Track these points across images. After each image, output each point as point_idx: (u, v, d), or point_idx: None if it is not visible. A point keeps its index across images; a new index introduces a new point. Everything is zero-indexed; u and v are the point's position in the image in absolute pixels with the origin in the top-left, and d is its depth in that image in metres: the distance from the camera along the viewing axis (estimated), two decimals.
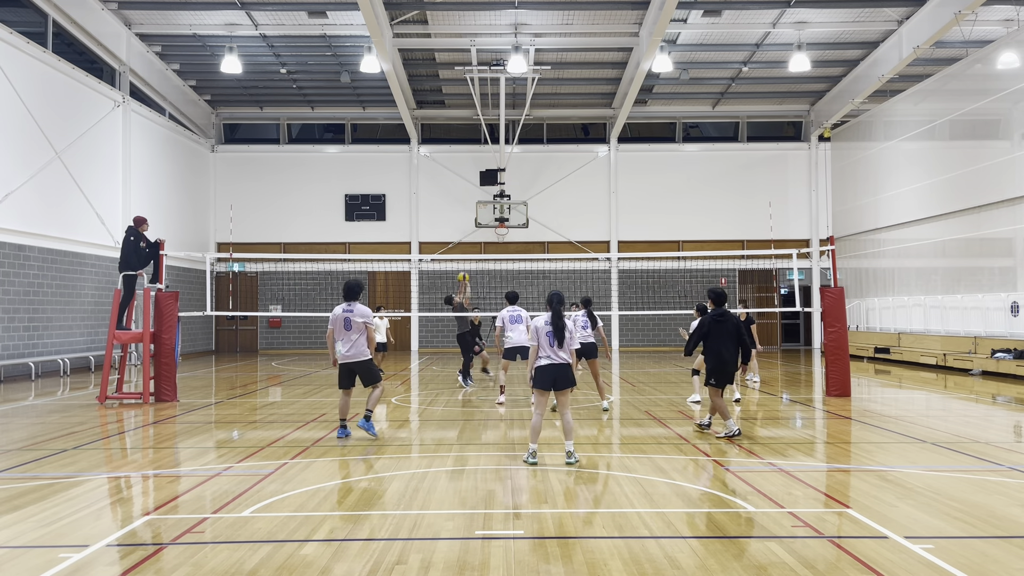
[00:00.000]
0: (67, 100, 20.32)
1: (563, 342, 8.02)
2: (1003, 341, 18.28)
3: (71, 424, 11.14)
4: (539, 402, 8.16)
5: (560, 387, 8.04)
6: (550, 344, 8.02)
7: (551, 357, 8.02)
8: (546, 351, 8.04)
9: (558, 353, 8.02)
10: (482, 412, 12.15)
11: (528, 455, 7.99)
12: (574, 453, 7.98)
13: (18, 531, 5.78)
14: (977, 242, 20.87)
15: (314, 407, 12.95)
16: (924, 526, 5.80)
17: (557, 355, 8.02)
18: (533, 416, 8.18)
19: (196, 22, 22.55)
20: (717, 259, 28.92)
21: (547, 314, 8.17)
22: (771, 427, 10.63)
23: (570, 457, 7.93)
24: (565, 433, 8.08)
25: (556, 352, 8.02)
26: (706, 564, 4.97)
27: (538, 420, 8.10)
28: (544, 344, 8.05)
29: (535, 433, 8.07)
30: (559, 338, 8.00)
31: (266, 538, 5.58)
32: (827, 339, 13.93)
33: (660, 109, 29.92)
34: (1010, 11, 20.55)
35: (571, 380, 8.10)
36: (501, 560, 5.07)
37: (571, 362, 8.11)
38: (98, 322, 21.20)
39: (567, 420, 8.09)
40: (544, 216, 29.13)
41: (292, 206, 29.67)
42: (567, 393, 8.12)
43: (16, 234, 18.23)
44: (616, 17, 22.32)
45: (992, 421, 11.35)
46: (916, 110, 23.86)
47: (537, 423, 8.09)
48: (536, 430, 8.08)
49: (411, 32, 23.12)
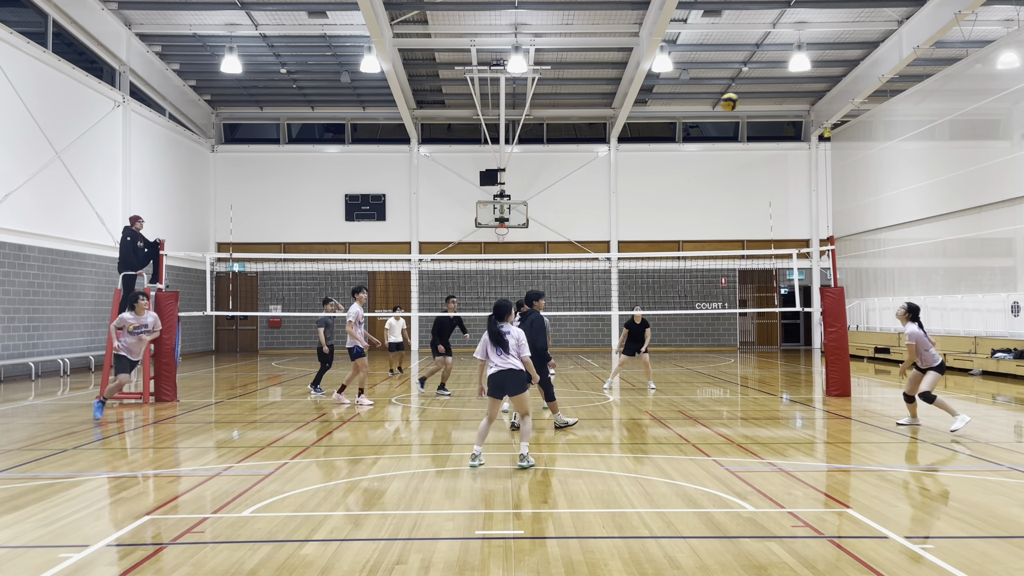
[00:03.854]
0: (67, 100, 20.32)
1: (507, 348, 7.92)
2: (1003, 341, 18.28)
3: (71, 424, 11.14)
4: (489, 408, 8.10)
5: (509, 393, 7.95)
6: (496, 353, 7.98)
7: (498, 364, 7.96)
8: (493, 359, 8.00)
9: (507, 360, 7.92)
10: (482, 412, 12.14)
11: (470, 457, 7.92)
12: (527, 456, 7.81)
13: (18, 531, 5.78)
14: (977, 242, 20.86)
15: (314, 407, 12.94)
16: (924, 526, 5.80)
17: (507, 361, 7.91)
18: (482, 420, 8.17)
19: (196, 22, 22.55)
20: (717, 259, 28.93)
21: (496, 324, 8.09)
22: (771, 427, 10.63)
23: (522, 460, 7.79)
24: (521, 435, 7.98)
25: (505, 359, 7.92)
26: (706, 564, 4.97)
27: (484, 425, 8.06)
28: (491, 353, 8.01)
29: (480, 437, 8.02)
30: (500, 345, 7.94)
31: (266, 538, 5.58)
32: (827, 339, 13.93)
33: (660, 109, 29.93)
34: (1010, 11, 20.55)
35: (521, 386, 7.94)
36: (501, 560, 5.07)
37: (522, 367, 7.93)
38: (98, 322, 21.20)
39: (525, 425, 7.99)
40: (544, 216, 29.13)
41: (292, 206, 29.67)
42: (522, 399, 7.99)
43: (16, 234, 18.24)
44: (616, 17, 22.32)
45: (992, 421, 11.34)
46: (916, 110, 23.86)
47: (483, 428, 8.06)
48: (481, 434, 8.04)
49: (411, 32, 23.12)
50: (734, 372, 19.73)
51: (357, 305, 12.97)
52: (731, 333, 30.00)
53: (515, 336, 8.02)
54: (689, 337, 29.53)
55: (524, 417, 8.06)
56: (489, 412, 8.12)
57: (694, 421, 11.06)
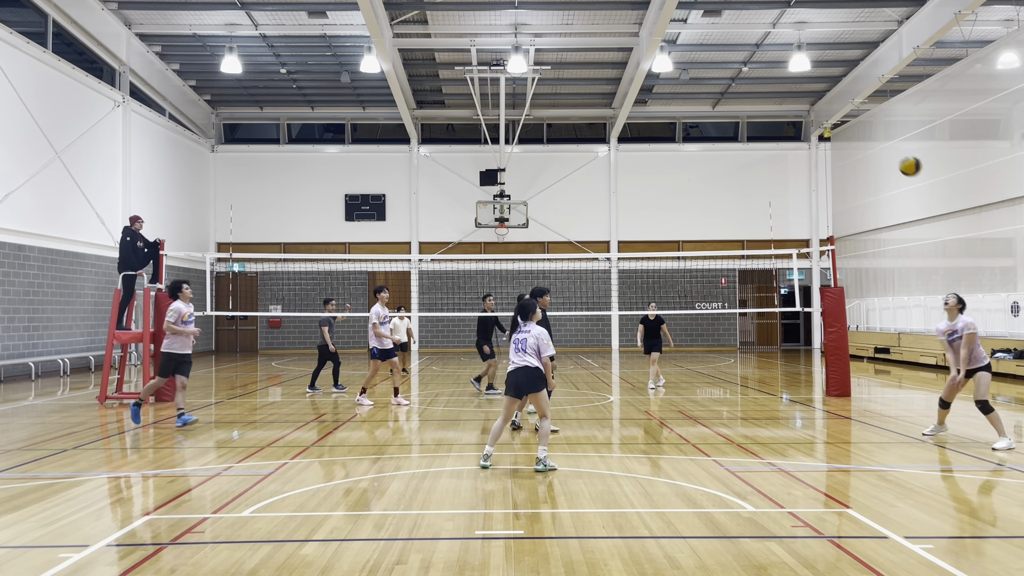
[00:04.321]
0: (67, 100, 20.32)
1: (525, 346, 7.84)
2: (1003, 341, 18.28)
3: (71, 424, 11.13)
4: (505, 407, 8.06)
5: (524, 392, 7.87)
6: (515, 350, 7.93)
7: (515, 362, 7.93)
8: (511, 356, 7.97)
9: (524, 357, 7.86)
10: (483, 412, 12.14)
11: (481, 457, 7.87)
12: (544, 460, 7.68)
13: (18, 531, 5.78)
14: (977, 242, 20.86)
15: (314, 407, 12.94)
16: (924, 526, 5.80)
17: (523, 359, 7.86)
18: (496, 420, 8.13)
19: (196, 22, 22.55)
20: (717, 259, 28.93)
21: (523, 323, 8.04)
22: (771, 427, 10.63)
23: (538, 464, 7.67)
24: (539, 439, 7.90)
25: (522, 356, 7.87)
26: (706, 564, 4.97)
27: (498, 424, 8.01)
28: (511, 350, 7.98)
29: (492, 437, 7.97)
30: (519, 343, 7.88)
31: (266, 538, 5.58)
32: (827, 339, 13.93)
33: (660, 109, 29.93)
34: (1010, 11, 20.55)
35: (537, 385, 7.83)
36: (501, 560, 5.07)
37: (540, 366, 7.84)
38: (98, 322, 21.20)
39: (542, 426, 7.90)
40: (544, 216, 29.13)
41: (292, 206, 29.67)
42: (538, 398, 7.90)
43: (16, 234, 18.24)
44: (616, 17, 22.32)
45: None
46: (916, 110, 23.86)
47: (496, 428, 8.01)
48: (493, 435, 7.99)
49: (411, 32, 23.13)
50: (734, 372, 19.73)
51: (379, 305, 12.92)
52: (731, 333, 30.00)
53: (535, 335, 7.90)
54: (689, 337, 29.52)
55: (542, 419, 7.94)
56: (505, 411, 8.05)
57: (694, 421, 11.06)
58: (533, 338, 7.88)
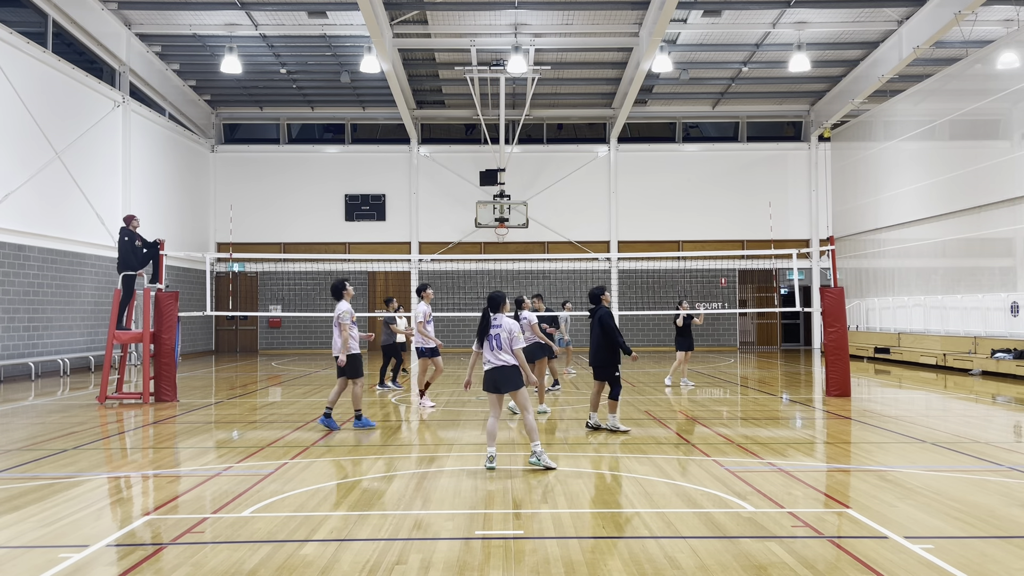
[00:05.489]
0: (67, 100, 20.32)
1: (499, 343, 7.80)
2: (1003, 341, 18.28)
3: (71, 424, 11.13)
4: (491, 405, 8.06)
5: (504, 389, 7.86)
6: (489, 347, 7.89)
7: (490, 361, 7.90)
8: (486, 354, 7.93)
9: (499, 356, 7.84)
10: (483, 412, 12.14)
11: (486, 460, 7.80)
12: (538, 455, 7.72)
13: (18, 531, 5.78)
14: (977, 242, 20.86)
15: (314, 407, 12.94)
16: (924, 526, 5.80)
17: (498, 358, 7.84)
18: (488, 420, 8.12)
19: (196, 22, 22.55)
20: (717, 259, 28.93)
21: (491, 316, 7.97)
22: (771, 427, 10.63)
23: (532, 456, 7.73)
24: (527, 434, 7.94)
25: (497, 355, 7.84)
26: (706, 564, 4.97)
27: (492, 423, 7.97)
28: (485, 347, 7.92)
29: (490, 437, 7.92)
30: (492, 339, 7.82)
31: (266, 538, 5.58)
32: (827, 339, 13.92)
33: (660, 109, 29.93)
34: (1010, 11, 20.55)
35: (515, 382, 7.85)
36: (501, 560, 5.07)
37: (517, 363, 7.84)
38: (98, 322, 21.20)
39: (527, 421, 7.90)
40: (544, 216, 29.13)
41: (292, 206, 29.67)
42: (518, 395, 7.91)
43: (16, 234, 18.23)
44: (616, 17, 22.32)
45: (992, 421, 11.34)
46: (916, 110, 23.86)
47: (491, 426, 7.97)
48: (490, 434, 7.94)
49: (411, 32, 23.12)
50: (734, 372, 19.73)
51: (425, 303, 12.80)
52: (731, 333, 30.00)
53: (507, 328, 7.86)
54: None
55: (524, 413, 7.96)
56: (492, 408, 8.07)
57: (694, 421, 11.06)
58: (506, 332, 7.84)
